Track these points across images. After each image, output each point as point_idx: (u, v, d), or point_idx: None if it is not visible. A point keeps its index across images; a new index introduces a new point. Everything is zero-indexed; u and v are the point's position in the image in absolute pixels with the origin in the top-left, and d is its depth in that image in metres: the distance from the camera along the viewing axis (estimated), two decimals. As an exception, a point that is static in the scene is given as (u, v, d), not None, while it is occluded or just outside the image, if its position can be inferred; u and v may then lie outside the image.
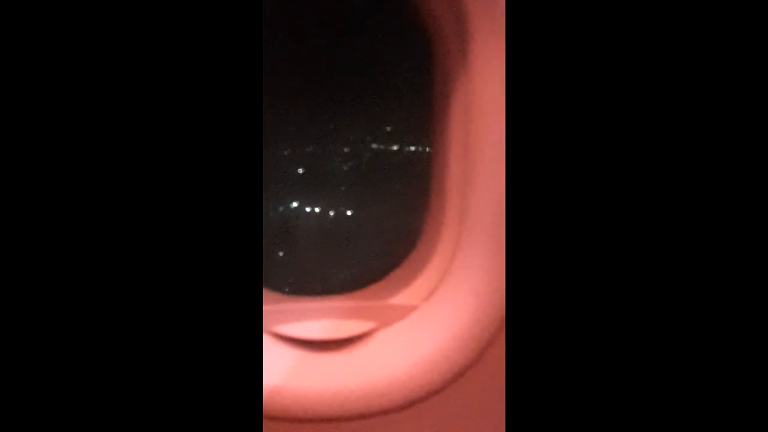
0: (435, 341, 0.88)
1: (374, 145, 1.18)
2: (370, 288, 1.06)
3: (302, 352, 0.91)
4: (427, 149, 1.15)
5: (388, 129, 1.18)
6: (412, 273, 1.01)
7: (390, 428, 0.89)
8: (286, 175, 1.16)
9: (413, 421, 0.89)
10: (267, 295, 1.04)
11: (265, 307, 0.93)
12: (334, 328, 0.93)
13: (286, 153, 1.16)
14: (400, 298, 0.98)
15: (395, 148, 1.18)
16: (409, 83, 1.14)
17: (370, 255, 1.16)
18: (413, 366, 0.87)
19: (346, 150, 1.17)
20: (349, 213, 1.17)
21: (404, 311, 0.94)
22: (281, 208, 1.17)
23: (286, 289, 1.07)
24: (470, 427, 0.92)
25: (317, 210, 1.17)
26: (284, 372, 0.88)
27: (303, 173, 1.17)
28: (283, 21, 1.10)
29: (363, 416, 0.88)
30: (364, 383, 0.88)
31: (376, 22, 1.14)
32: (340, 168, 1.18)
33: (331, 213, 1.17)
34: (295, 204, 1.18)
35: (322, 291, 1.05)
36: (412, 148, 1.18)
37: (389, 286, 1.03)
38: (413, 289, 0.98)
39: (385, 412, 0.88)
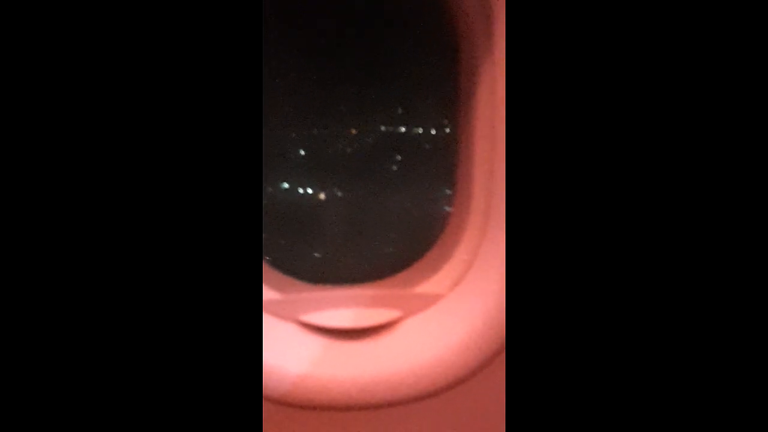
0: (461, 330, 0.87)
1: (402, 129, 1.17)
2: (396, 277, 1.06)
3: (328, 341, 0.91)
4: (448, 130, 1.13)
5: (413, 114, 1.17)
6: (438, 261, 1.00)
7: (416, 417, 0.89)
8: (309, 161, 1.16)
9: (439, 411, 0.89)
10: (292, 283, 1.04)
11: (290, 296, 0.94)
12: (359, 316, 0.92)
13: (312, 134, 1.16)
14: (426, 287, 0.98)
15: (420, 131, 1.17)
16: (435, 67, 1.13)
17: (396, 243, 1.15)
18: (439, 355, 0.87)
19: (369, 139, 1.17)
20: (374, 200, 1.17)
21: (430, 300, 0.94)
22: (302, 193, 1.17)
23: (312, 278, 1.07)
24: (497, 416, 0.91)
25: (340, 195, 1.17)
26: (310, 361, 0.88)
27: (327, 159, 1.16)
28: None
29: (389, 405, 0.87)
30: (389, 372, 0.88)
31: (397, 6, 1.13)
32: (364, 154, 1.17)
33: (356, 200, 1.17)
34: (322, 194, 1.17)
35: (347, 280, 1.04)
36: (435, 132, 1.16)
37: (415, 275, 1.02)
38: (439, 278, 0.97)
39: (411, 401, 0.87)
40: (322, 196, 1.17)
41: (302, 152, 1.16)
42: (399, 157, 1.17)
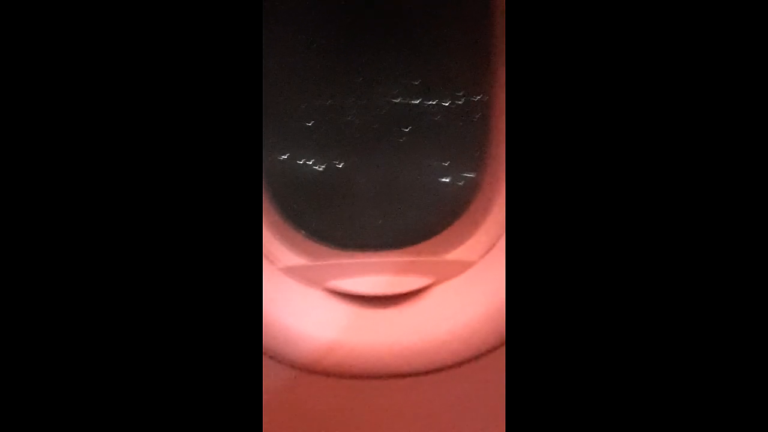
0: (492, 297, 0.85)
1: (433, 101, 1.15)
2: (427, 243, 1.04)
3: (357, 308, 0.90)
4: (479, 97, 1.11)
5: (445, 81, 1.14)
6: (469, 228, 0.98)
7: (448, 384, 0.88)
8: (336, 128, 1.14)
9: (471, 377, 0.88)
10: (321, 249, 1.03)
11: (319, 262, 0.93)
12: (389, 283, 0.91)
13: (337, 103, 1.14)
14: (457, 254, 0.96)
15: (453, 100, 1.15)
16: (468, 32, 1.10)
17: (427, 209, 1.13)
18: (471, 321, 0.86)
19: (396, 101, 1.14)
20: (403, 167, 1.15)
21: (461, 267, 0.92)
22: (331, 164, 1.15)
23: (340, 244, 1.06)
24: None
25: (370, 164, 1.15)
26: (339, 328, 0.87)
27: (353, 126, 1.15)
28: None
29: (419, 373, 0.87)
30: (420, 339, 0.87)
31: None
32: (393, 121, 1.15)
33: (385, 167, 1.15)
34: (346, 159, 1.16)
35: (377, 246, 1.03)
36: (474, 98, 1.14)
37: (446, 242, 1.01)
38: (470, 245, 0.96)
39: (443, 368, 0.86)
40: (346, 164, 1.15)
41: (327, 122, 1.15)
42: (428, 124, 1.15)
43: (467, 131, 1.14)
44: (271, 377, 0.85)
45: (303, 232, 1.07)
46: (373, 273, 0.92)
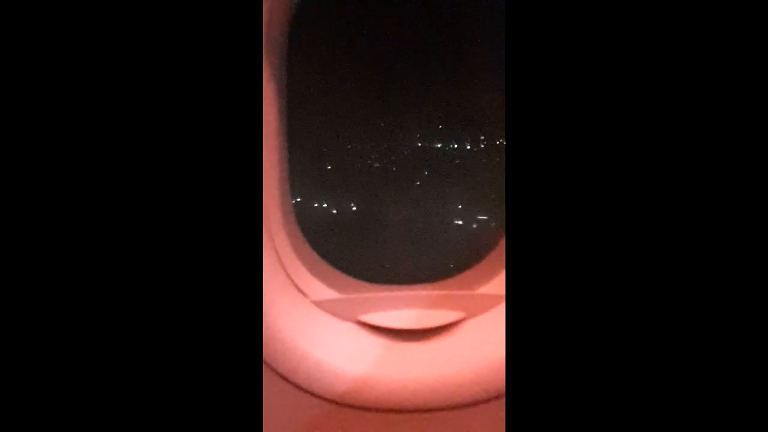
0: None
1: (456, 143, 1.16)
2: (458, 277, 1.04)
3: (389, 342, 0.90)
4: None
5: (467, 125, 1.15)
6: (501, 262, 0.98)
7: (479, 419, 0.87)
8: (359, 169, 1.16)
9: (503, 412, 0.86)
10: (353, 283, 1.03)
11: (351, 296, 0.93)
12: (421, 317, 0.91)
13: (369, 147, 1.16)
14: (488, 288, 0.95)
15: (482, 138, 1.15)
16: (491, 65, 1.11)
17: (458, 244, 1.13)
18: (502, 356, 0.84)
19: (425, 142, 1.15)
20: (434, 203, 1.15)
21: (493, 301, 0.91)
22: (364, 202, 1.16)
23: (372, 278, 1.06)
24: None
25: (401, 200, 1.16)
26: (370, 362, 0.87)
27: (376, 167, 1.16)
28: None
29: (452, 407, 0.86)
30: (452, 374, 0.86)
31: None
32: (424, 156, 1.16)
33: (416, 203, 1.16)
34: (374, 197, 1.17)
35: (409, 280, 1.03)
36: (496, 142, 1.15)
37: (477, 276, 1.00)
38: (502, 278, 0.95)
39: (475, 403, 0.85)
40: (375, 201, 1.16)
41: (373, 162, 1.16)
42: (458, 162, 1.16)
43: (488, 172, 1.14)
44: (300, 409, 0.85)
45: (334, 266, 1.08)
46: (405, 306, 0.92)
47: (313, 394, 0.85)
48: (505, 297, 0.91)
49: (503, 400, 0.84)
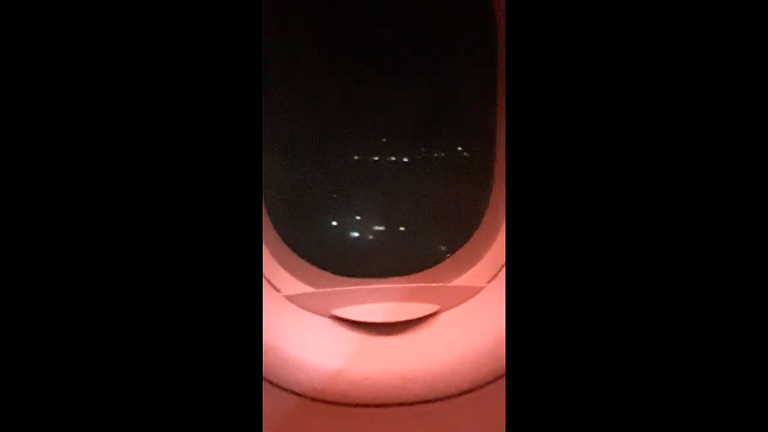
0: (500, 323, 0.84)
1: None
2: (433, 269, 1.03)
3: (363, 336, 0.89)
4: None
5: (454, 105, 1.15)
6: (476, 253, 0.97)
7: (455, 413, 0.86)
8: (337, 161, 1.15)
9: (478, 406, 0.86)
10: (327, 277, 1.02)
11: (325, 290, 0.92)
12: (396, 310, 0.90)
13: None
14: (463, 280, 0.95)
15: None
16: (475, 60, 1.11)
17: (433, 236, 1.13)
18: (478, 348, 0.84)
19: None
20: (410, 193, 1.15)
21: (468, 293, 0.91)
22: (339, 192, 1.15)
23: (345, 272, 1.05)
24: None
25: (376, 191, 1.15)
26: (344, 356, 0.86)
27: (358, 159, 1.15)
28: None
29: (426, 401, 0.85)
30: (428, 367, 0.85)
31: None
32: (401, 144, 1.15)
33: (391, 193, 1.15)
34: (347, 188, 1.15)
35: (383, 273, 1.02)
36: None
37: (452, 268, 1.00)
38: (477, 270, 0.95)
39: (450, 396, 0.85)
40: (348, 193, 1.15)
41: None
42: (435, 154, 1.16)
43: (472, 158, 1.14)
44: (274, 405, 0.83)
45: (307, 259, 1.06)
46: (379, 300, 0.91)
47: (287, 390, 0.84)
48: (481, 288, 0.91)
49: (479, 392, 0.84)
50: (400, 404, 0.86)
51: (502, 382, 0.83)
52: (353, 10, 1.10)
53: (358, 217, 1.14)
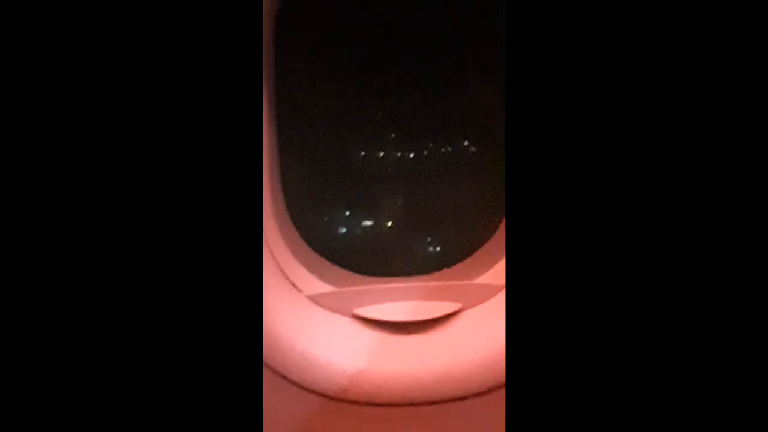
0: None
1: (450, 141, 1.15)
2: (455, 267, 1.03)
3: (385, 335, 0.89)
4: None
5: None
6: (498, 251, 0.96)
7: (479, 410, 0.86)
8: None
9: (503, 404, 0.85)
10: (348, 276, 1.02)
11: (346, 289, 0.92)
12: (418, 309, 0.90)
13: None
14: (485, 278, 0.94)
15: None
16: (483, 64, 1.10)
17: (454, 234, 1.12)
18: (501, 347, 0.83)
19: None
20: (432, 192, 1.14)
21: (491, 291, 0.90)
22: (360, 192, 1.15)
23: (367, 271, 1.04)
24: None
25: (398, 189, 1.15)
26: (367, 355, 0.86)
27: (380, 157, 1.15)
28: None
29: (449, 400, 0.84)
30: (450, 366, 0.85)
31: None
32: (420, 141, 1.15)
33: (412, 191, 1.14)
34: (375, 186, 1.15)
35: (405, 271, 1.02)
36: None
37: (475, 265, 0.99)
38: (499, 268, 0.94)
39: (473, 395, 0.84)
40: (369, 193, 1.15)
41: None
42: (451, 149, 1.15)
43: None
44: (296, 405, 0.84)
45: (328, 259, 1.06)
46: (401, 299, 0.90)
47: (310, 390, 0.84)
48: (504, 287, 0.90)
49: (503, 391, 0.83)
50: (424, 403, 0.85)
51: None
52: (359, 9, 1.10)
53: (379, 216, 1.14)
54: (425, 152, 1.15)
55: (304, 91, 1.11)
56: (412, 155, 1.15)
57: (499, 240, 1.02)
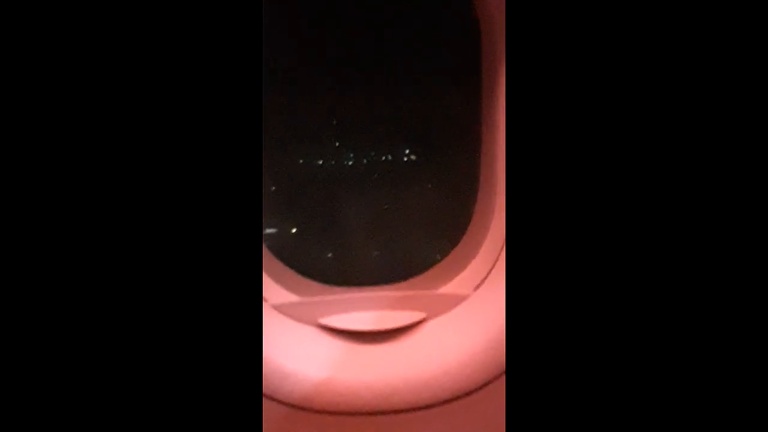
0: (486, 330, 0.84)
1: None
2: (419, 277, 1.04)
3: (350, 344, 0.89)
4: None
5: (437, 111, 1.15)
6: (462, 261, 0.98)
7: (442, 420, 0.86)
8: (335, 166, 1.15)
9: (465, 413, 0.86)
10: (314, 286, 1.02)
11: (312, 299, 0.92)
12: (382, 318, 0.90)
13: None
14: (449, 288, 0.95)
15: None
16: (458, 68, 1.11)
17: (419, 243, 1.13)
18: (465, 356, 0.84)
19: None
20: (397, 202, 1.15)
21: (454, 300, 0.91)
22: (326, 199, 1.15)
23: (331, 280, 1.05)
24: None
25: (362, 199, 1.15)
26: (332, 364, 0.86)
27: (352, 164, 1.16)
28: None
29: (413, 408, 0.85)
30: (414, 375, 0.85)
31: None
32: (385, 155, 1.16)
33: (377, 200, 1.15)
34: (335, 195, 1.16)
35: (369, 281, 1.02)
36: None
37: (438, 276, 1.00)
38: (463, 278, 0.95)
39: (437, 404, 0.85)
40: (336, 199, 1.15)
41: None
42: (416, 158, 1.16)
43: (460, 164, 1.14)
44: (266, 415, 0.83)
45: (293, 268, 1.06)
46: (365, 308, 0.91)
47: (273, 399, 0.84)
48: (466, 296, 0.91)
49: (467, 399, 0.84)
50: (388, 412, 0.86)
51: (489, 389, 0.84)
52: (340, 14, 1.10)
53: (344, 225, 1.14)
54: (390, 157, 1.15)
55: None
56: (377, 161, 1.15)
57: (463, 250, 1.04)
